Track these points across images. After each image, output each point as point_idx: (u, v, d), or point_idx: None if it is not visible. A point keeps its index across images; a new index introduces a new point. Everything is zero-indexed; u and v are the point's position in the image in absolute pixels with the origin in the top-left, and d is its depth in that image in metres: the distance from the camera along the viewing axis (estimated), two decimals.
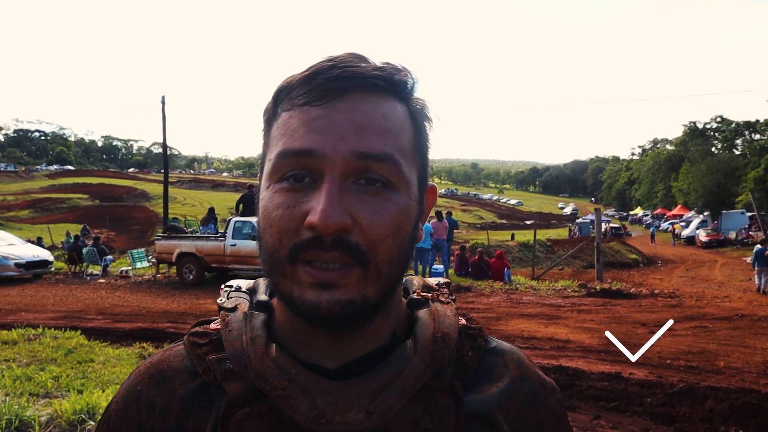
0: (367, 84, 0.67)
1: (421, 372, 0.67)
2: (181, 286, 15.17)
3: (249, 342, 0.69)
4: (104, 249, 18.94)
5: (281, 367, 0.66)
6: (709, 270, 25.60)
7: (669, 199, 78.27)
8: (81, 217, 44.44)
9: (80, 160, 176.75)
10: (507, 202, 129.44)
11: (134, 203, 59.10)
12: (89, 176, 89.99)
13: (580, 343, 8.10)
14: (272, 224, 0.65)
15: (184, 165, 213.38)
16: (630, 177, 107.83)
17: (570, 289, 14.14)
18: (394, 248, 0.66)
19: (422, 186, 0.73)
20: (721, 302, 12.53)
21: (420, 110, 0.73)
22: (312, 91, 0.66)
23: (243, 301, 0.77)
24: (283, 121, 0.68)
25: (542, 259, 27.10)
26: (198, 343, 0.74)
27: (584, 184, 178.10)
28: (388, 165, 0.65)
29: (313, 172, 0.65)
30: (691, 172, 61.92)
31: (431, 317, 0.73)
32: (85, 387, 5.29)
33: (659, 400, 5.75)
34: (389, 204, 0.65)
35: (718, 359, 7.22)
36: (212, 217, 19.96)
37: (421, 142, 0.73)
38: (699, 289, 16.58)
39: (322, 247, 0.62)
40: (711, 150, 74.08)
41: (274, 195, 0.66)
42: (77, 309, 11.61)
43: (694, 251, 38.20)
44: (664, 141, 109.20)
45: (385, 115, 0.67)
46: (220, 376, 0.69)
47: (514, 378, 0.76)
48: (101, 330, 9.10)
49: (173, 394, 0.71)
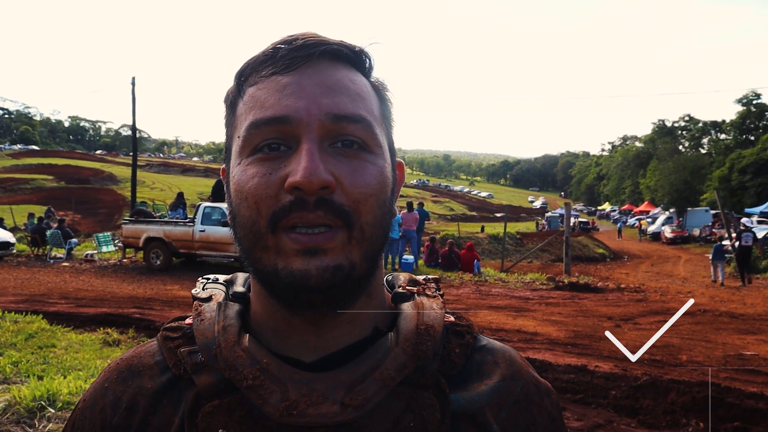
0: (331, 50, 0.66)
1: (401, 364, 0.64)
2: (148, 272, 14.96)
3: (221, 331, 0.66)
4: (69, 232, 18.58)
5: (253, 356, 0.63)
6: (674, 266, 26.19)
7: (636, 196, 79.63)
8: (45, 199, 43.35)
9: (46, 141, 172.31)
10: (478, 194, 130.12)
11: (101, 186, 57.82)
12: (55, 157, 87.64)
13: (548, 335, 8.18)
14: (248, 196, 0.62)
15: (154, 148, 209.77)
16: (599, 172, 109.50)
17: (538, 282, 14.31)
18: (377, 209, 0.64)
19: (392, 158, 0.72)
20: (684, 297, 12.80)
21: (382, 85, 0.73)
22: (278, 61, 0.65)
23: (218, 292, 0.74)
24: (250, 96, 0.66)
25: (511, 252, 27.39)
26: (171, 336, 0.72)
27: (554, 179, 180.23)
28: (362, 126, 0.64)
29: (287, 140, 0.63)
30: (659, 169, 63.03)
31: (415, 310, 0.70)
32: (46, 373, 5.17)
33: (623, 392, 5.83)
34: (368, 165, 0.64)
35: (681, 353, 7.36)
36: (181, 202, 19.69)
37: (386, 114, 0.73)
38: (663, 284, 16.93)
39: (306, 207, 0.60)
40: (678, 148, 75.50)
41: (247, 167, 0.64)
42: (39, 293, 11.39)
43: (660, 247, 39.02)
44: (634, 138, 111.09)
45: (352, 80, 0.67)
46: (191, 368, 0.66)
47: (504, 376, 0.71)
48: (64, 314, 8.96)
49: (141, 389, 0.68)
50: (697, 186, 56.49)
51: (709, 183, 53.25)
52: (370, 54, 0.71)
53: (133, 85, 26.64)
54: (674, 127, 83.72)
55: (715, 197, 21.72)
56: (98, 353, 6.45)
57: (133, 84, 26.64)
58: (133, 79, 26.61)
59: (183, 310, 9.63)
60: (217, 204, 15.09)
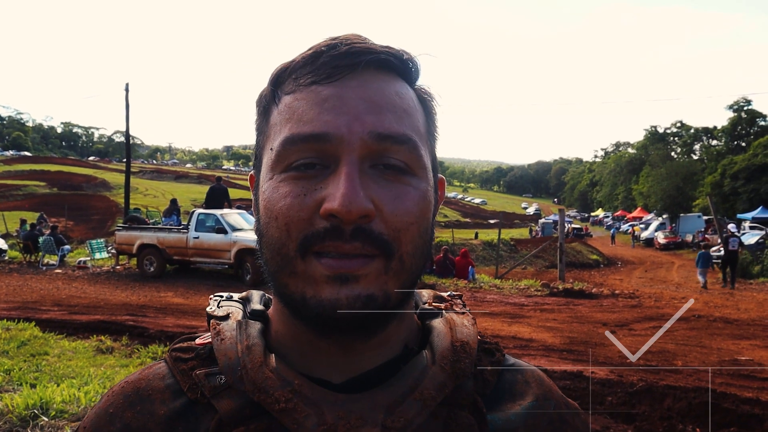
0: (377, 60, 0.61)
1: (441, 383, 0.60)
2: (142, 279, 14.88)
3: (245, 351, 0.61)
4: (61, 238, 18.50)
5: (283, 377, 0.59)
6: (667, 271, 26.26)
7: (629, 202, 79.95)
8: (38, 205, 43.19)
9: (38, 147, 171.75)
10: (471, 200, 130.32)
11: (94, 192, 57.67)
12: (47, 163, 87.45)
13: (543, 342, 8.18)
14: (278, 216, 0.58)
15: (147, 155, 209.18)
16: (592, 179, 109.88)
17: (533, 289, 14.32)
18: (418, 238, 0.60)
19: (434, 175, 0.67)
20: (678, 303, 12.84)
21: (428, 95, 0.68)
22: (319, 69, 0.60)
23: (236, 310, 0.69)
24: (286, 105, 0.61)
25: (506, 258, 27.40)
26: (182, 357, 0.66)
27: (547, 185, 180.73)
28: (407, 148, 0.60)
29: (325, 158, 0.59)
30: (652, 175, 63.30)
31: (447, 326, 0.66)
32: (39, 381, 5.14)
33: (620, 398, 5.83)
34: (410, 189, 0.60)
35: (676, 359, 7.37)
36: (175, 209, 19.62)
37: (431, 129, 0.68)
38: (657, 290, 16.98)
39: (342, 237, 0.56)
40: (671, 154, 75.87)
41: (279, 185, 0.60)
42: (32, 300, 11.33)
43: (653, 253, 39.12)
44: (626, 144, 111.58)
45: (399, 94, 0.62)
46: (210, 392, 0.61)
47: (537, 396, 0.69)
48: (57, 322, 8.91)
49: (153, 415, 0.62)
50: (690, 192, 56.76)
51: (702, 189, 53.51)
52: (417, 61, 0.66)
53: (126, 92, 26.54)
54: (666, 134, 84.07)
55: (708, 203, 21.88)
56: (91, 361, 6.41)
57: (126, 90, 26.55)
58: (126, 85, 26.54)
59: (177, 318, 9.61)
60: (211, 211, 15.06)
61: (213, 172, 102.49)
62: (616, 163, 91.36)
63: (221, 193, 16.78)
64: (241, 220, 14.87)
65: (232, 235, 14.20)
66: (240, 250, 13.95)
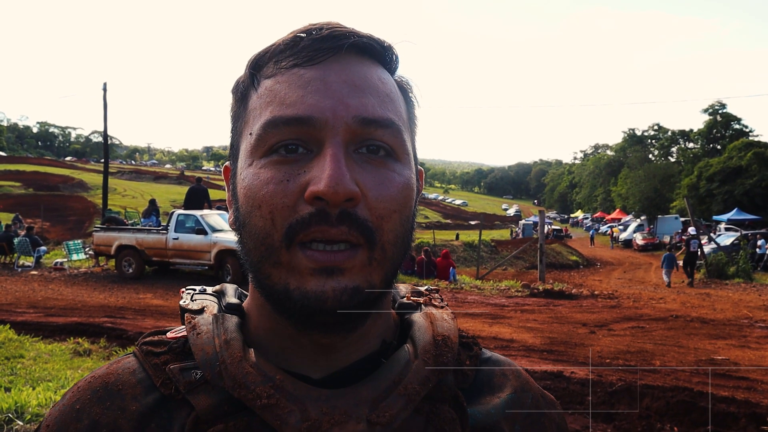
0: (360, 44, 0.60)
1: (425, 377, 0.59)
2: (120, 280, 14.70)
3: (223, 346, 0.59)
4: (37, 239, 18.21)
5: (264, 373, 0.57)
6: (645, 272, 26.55)
7: (608, 203, 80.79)
8: (13, 206, 42.41)
9: (13, 147, 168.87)
10: (452, 202, 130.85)
11: (71, 193, 56.86)
12: (23, 163, 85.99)
13: (524, 342, 8.22)
14: (261, 204, 0.56)
15: (126, 155, 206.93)
16: (572, 180, 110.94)
17: (514, 289, 14.40)
18: (400, 227, 0.59)
19: (415, 164, 0.66)
20: (656, 303, 12.99)
21: (407, 84, 0.68)
22: (301, 52, 0.59)
23: (211, 304, 0.67)
24: (267, 89, 0.59)
25: (486, 259, 27.54)
26: (154, 351, 0.64)
27: (527, 187, 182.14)
28: (392, 131, 0.59)
29: (308, 142, 0.57)
30: (630, 177, 64.02)
31: (428, 320, 0.66)
32: (14, 384, 5.05)
33: (599, 398, 5.88)
34: (394, 175, 0.59)
35: (654, 359, 7.45)
36: (154, 209, 19.43)
37: (411, 117, 0.67)
38: (636, 290, 17.16)
39: (328, 221, 0.54)
40: (648, 156, 76.84)
41: (260, 171, 0.57)
42: (6, 302, 11.11)
43: (631, 254, 39.55)
44: (605, 146, 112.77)
45: (381, 79, 0.61)
46: (185, 387, 0.58)
47: (515, 389, 0.69)
48: (33, 324, 8.75)
49: (124, 411, 0.59)
50: (667, 194, 57.51)
51: (679, 191, 54.26)
52: (396, 50, 0.65)
53: (104, 91, 26.23)
54: (644, 136, 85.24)
55: (685, 205, 22.25)
56: (68, 363, 6.31)
57: (104, 90, 26.23)
58: (104, 84, 26.23)
59: (156, 319, 9.50)
60: (191, 212, 14.93)
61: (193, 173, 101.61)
62: (595, 165, 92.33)
63: (201, 194, 16.64)
64: (221, 221, 14.74)
65: (212, 236, 14.08)
66: (220, 251, 13.85)
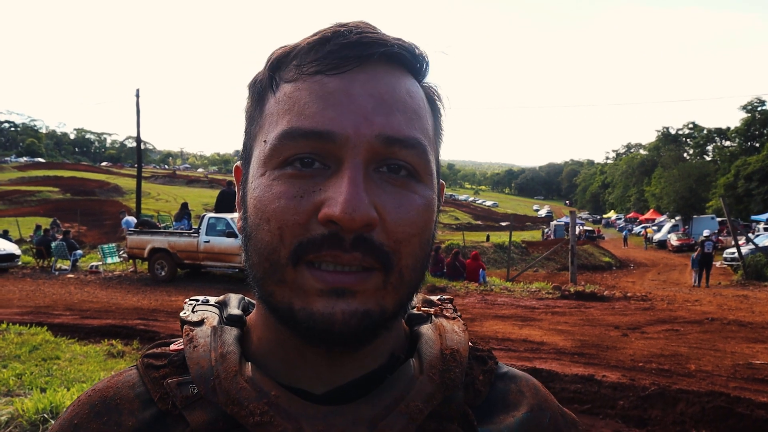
0: (389, 54, 0.56)
1: (429, 394, 0.56)
2: (153, 283, 14.94)
3: (218, 359, 0.57)
4: (74, 243, 18.61)
5: (259, 388, 0.54)
6: (680, 274, 26.05)
7: (642, 203, 79.54)
8: (51, 211, 43.59)
9: (51, 153, 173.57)
10: (483, 203, 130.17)
11: (107, 198, 58.10)
12: (60, 169, 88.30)
13: (554, 345, 8.12)
14: (270, 218, 0.53)
15: (159, 160, 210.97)
16: (604, 181, 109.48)
17: (544, 291, 14.22)
18: (419, 251, 0.56)
19: (438, 180, 0.63)
20: (692, 306, 12.70)
21: (436, 93, 0.63)
22: (326, 58, 0.55)
23: (211, 315, 0.64)
24: (286, 94, 0.56)
25: (517, 261, 27.33)
26: (154, 365, 0.62)
27: (559, 187, 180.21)
28: (416, 152, 0.55)
29: (326, 157, 0.54)
30: (664, 177, 62.97)
31: (437, 333, 0.63)
32: (50, 385, 5.16)
33: (632, 402, 5.78)
34: (416, 197, 0.56)
35: (689, 362, 7.28)
36: (186, 213, 19.70)
37: (438, 130, 0.63)
38: (670, 292, 16.82)
39: (342, 246, 0.51)
40: (683, 156, 75.46)
41: (273, 183, 0.54)
42: (44, 304, 11.38)
43: (666, 255, 38.84)
44: (638, 146, 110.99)
45: (409, 93, 0.57)
46: (181, 403, 0.57)
47: (532, 407, 0.65)
48: (69, 326, 8.94)
49: (120, 426, 0.58)
50: (703, 193, 56.38)
51: (715, 190, 53.17)
52: (428, 57, 0.61)
53: (137, 97, 26.79)
54: (679, 135, 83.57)
55: (721, 204, 21.82)
56: (102, 365, 6.43)
57: (137, 96, 26.80)
58: (137, 90, 26.79)
59: None
60: (222, 215, 15.10)
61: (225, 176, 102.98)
62: (627, 164, 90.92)
63: (232, 198, 16.79)
64: None
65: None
66: None
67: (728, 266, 25.20)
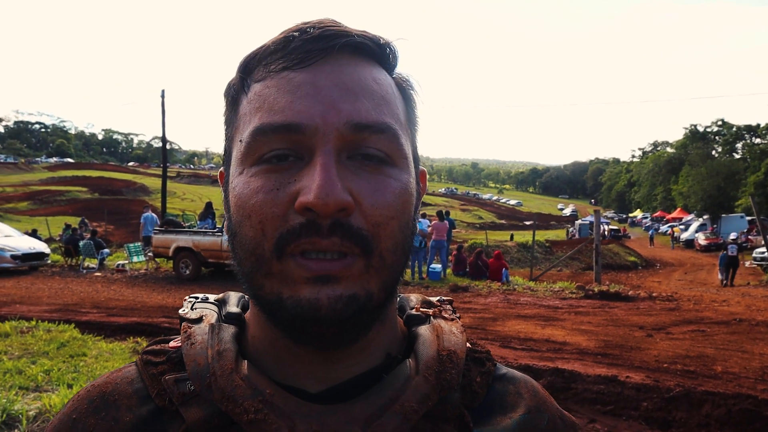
0: (353, 44, 0.58)
1: (424, 395, 0.56)
2: (178, 281, 15.14)
3: (215, 356, 0.57)
4: (101, 242, 19.00)
5: (254, 386, 0.55)
6: (708, 274, 25.63)
7: (668, 202, 78.47)
8: (80, 210, 44.48)
9: (80, 153, 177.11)
10: (507, 202, 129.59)
11: (133, 197, 59.11)
12: (89, 169, 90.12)
13: (577, 345, 8.05)
14: (251, 213, 0.54)
15: (184, 160, 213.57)
16: (630, 179, 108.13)
17: (568, 291, 14.11)
18: (399, 233, 0.57)
19: (416, 167, 0.63)
20: (719, 306, 12.49)
21: (406, 82, 0.64)
22: (290, 54, 0.56)
23: (210, 313, 0.65)
24: (256, 94, 0.57)
25: (540, 260, 27.13)
26: (153, 361, 0.63)
27: (584, 186, 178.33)
28: (387, 137, 0.56)
29: (299, 150, 0.55)
30: (691, 175, 62.04)
31: (434, 334, 0.63)
32: (76, 381, 5.26)
33: (655, 404, 5.72)
34: (391, 181, 0.56)
35: (716, 364, 7.16)
36: (210, 212, 19.90)
37: (411, 117, 0.64)
38: (697, 292, 16.56)
39: (319, 232, 0.52)
40: (711, 153, 74.21)
41: (250, 180, 0.56)
42: (72, 302, 11.58)
43: (693, 255, 38.24)
44: (665, 144, 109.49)
45: (376, 80, 0.58)
46: (178, 399, 0.58)
47: (530, 408, 0.65)
48: (95, 324, 9.08)
49: (117, 422, 0.59)
50: (732, 192, 55.41)
51: (744, 189, 52.19)
52: (394, 47, 0.62)
53: (162, 98, 27.14)
54: (707, 132, 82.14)
55: (751, 203, 21.45)
56: (128, 362, 6.51)
57: (162, 96, 27.14)
58: (162, 91, 27.15)
59: None
60: None
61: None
62: (654, 162, 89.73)
63: None
64: None
65: None
66: None
67: (758, 266, 24.77)
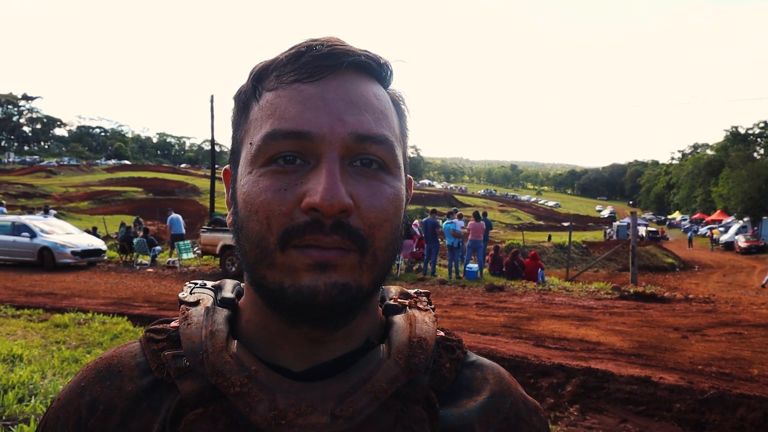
0: (357, 62, 0.64)
1: (394, 376, 0.61)
2: (224, 277, 15.42)
3: (208, 336, 0.63)
4: (153, 240, 19.57)
5: (241, 363, 0.60)
6: (747, 276, 25.09)
7: (708, 204, 76.58)
8: (136, 209, 45.75)
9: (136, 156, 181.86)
10: (545, 203, 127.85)
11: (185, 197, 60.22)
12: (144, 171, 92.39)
13: (611, 345, 7.98)
14: (259, 209, 0.59)
15: None
16: (669, 181, 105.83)
17: (603, 292, 13.95)
18: (390, 234, 0.62)
19: (405, 174, 0.70)
20: (758, 309, 12.20)
21: (399, 97, 0.71)
22: (302, 68, 0.62)
23: (206, 297, 0.71)
24: (268, 101, 0.63)
25: (577, 261, 26.98)
26: (154, 338, 0.69)
27: (622, 188, 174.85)
28: (384, 147, 0.62)
29: (305, 154, 0.60)
30: (732, 177, 60.49)
31: (407, 322, 0.68)
32: None
33: (689, 406, 5.70)
34: (386, 187, 0.62)
35: (752, 367, 6.97)
36: None
37: (404, 130, 0.71)
38: (736, 295, 16.30)
39: (322, 230, 0.57)
40: (753, 155, 72.15)
41: (259, 179, 0.60)
42: (126, 296, 11.98)
43: (733, 257, 37.37)
44: (705, 146, 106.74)
45: (376, 96, 0.65)
46: (174, 373, 0.63)
47: (494, 393, 0.70)
48: (147, 317, 9.37)
49: (120, 390, 0.65)
50: None
51: None
52: (391, 66, 0.68)
53: (212, 102, 27.63)
54: (748, 134, 79.88)
55: None
56: None
57: (212, 101, 27.63)
58: (211, 96, 27.62)
59: None
60: None
61: None
62: (693, 165, 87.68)
63: None
64: None
65: None
66: None
67: None
